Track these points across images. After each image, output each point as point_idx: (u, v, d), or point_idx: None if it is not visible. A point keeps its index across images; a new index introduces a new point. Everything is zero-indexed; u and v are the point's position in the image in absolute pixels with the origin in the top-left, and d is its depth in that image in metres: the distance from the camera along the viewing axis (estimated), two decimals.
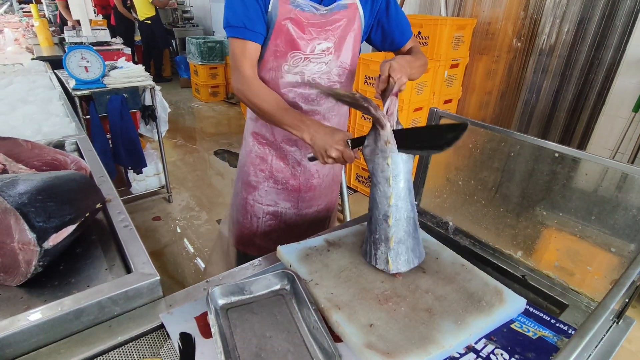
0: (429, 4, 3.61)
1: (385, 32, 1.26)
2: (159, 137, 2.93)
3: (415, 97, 2.96)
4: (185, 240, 2.77)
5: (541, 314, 0.86)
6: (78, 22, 3.33)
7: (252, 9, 1.08)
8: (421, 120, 3.09)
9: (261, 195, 1.41)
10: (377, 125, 0.90)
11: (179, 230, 2.91)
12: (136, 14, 6.11)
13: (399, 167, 0.89)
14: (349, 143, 0.97)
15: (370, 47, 4.20)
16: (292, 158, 1.34)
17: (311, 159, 1.07)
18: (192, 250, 2.69)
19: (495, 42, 3.25)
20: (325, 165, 1.15)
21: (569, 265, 0.93)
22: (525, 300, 0.86)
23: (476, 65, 3.41)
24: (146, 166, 2.90)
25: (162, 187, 3.25)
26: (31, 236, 0.81)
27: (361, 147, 0.96)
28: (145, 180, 3.11)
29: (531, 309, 0.87)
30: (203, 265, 2.52)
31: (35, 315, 0.72)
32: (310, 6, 1.13)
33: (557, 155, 0.91)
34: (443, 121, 1.13)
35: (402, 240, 0.91)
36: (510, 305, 0.85)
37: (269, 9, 1.11)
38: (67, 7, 4.66)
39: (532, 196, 0.99)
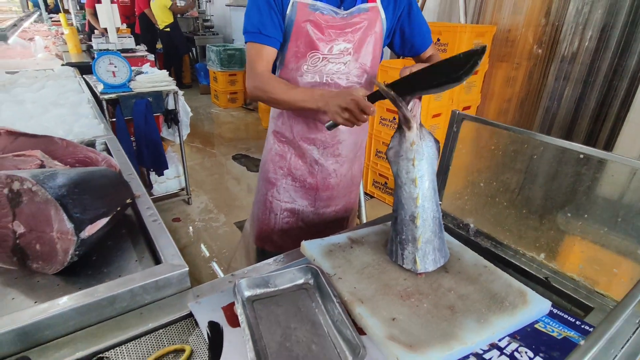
0: (448, 11, 3.63)
1: (405, 36, 1.29)
2: (180, 140, 3.01)
3: (434, 103, 2.96)
4: (202, 245, 2.82)
5: (566, 316, 0.86)
6: (105, 30, 3.46)
7: (267, 15, 1.14)
8: (439, 126, 3.08)
9: (279, 192, 1.44)
10: (403, 126, 0.92)
11: (197, 232, 2.97)
12: (156, 22, 6.30)
13: (424, 167, 0.91)
14: (365, 97, 0.98)
15: (388, 54, 4.22)
16: (310, 156, 1.38)
17: (330, 127, 1.06)
18: (208, 253, 2.73)
19: (515, 49, 3.24)
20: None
21: (594, 267, 0.92)
22: (549, 302, 0.86)
23: (495, 72, 3.40)
24: (167, 168, 2.98)
25: (182, 189, 3.32)
26: (69, 226, 0.86)
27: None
28: (166, 182, 3.19)
29: (555, 311, 0.87)
30: (219, 270, 2.56)
31: (73, 300, 0.76)
32: (330, 10, 1.17)
33: (582, 156, 0.91)
34: (466, 124, 1.14)
35: (429, 240, 0.92)
36: (534, 307, 0.84)
37: (287, 12, 1.15)
38: (95, 14, 4.87)
39: (555, 198, 0.99)
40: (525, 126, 3.35)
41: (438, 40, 3.07)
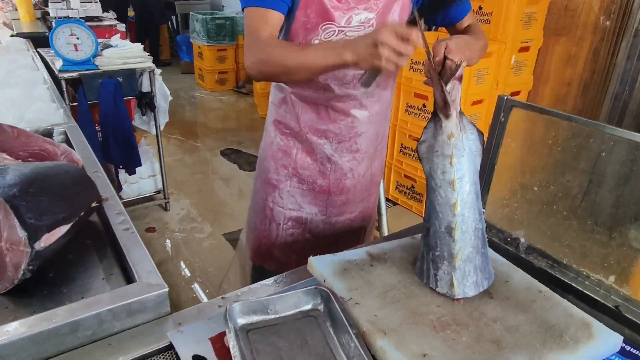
0: None
1: (439, 2, 1.29)
2: (157, 131, 3.04)
3: (474, 87, 2.96)
4: (181, 262, 2.84)
5: None
6: None
7: None
8: (480, 117, 3.08)
9: (282, 197, 1.45)
10: (439, 113, 0.92)
11: (176, 246, 2.99)
12: None
13: (465, 166, 0.91)
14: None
15: None
16: (321, 152, 1.38)
17: (367, 81, 1.03)
18: (189, 272, 2.75)
19: (576, 20, 3.24)
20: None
21: None
22: (621, 337, 0.86)
23: (552, 49, 3.40)
24: (141, 165, 3.02)
25: (158, 191, 3.36)
26: (22, 234, 0.87)
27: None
28: (138, 183, 3.23)
29: (628, 348, 0.87)
30: (203, 294, 2.58)
31: (26, 326, 0.77)
32: None
33: None
34: (516, 113, 1.14)
35: (470, 258, 0.92)
36: (602, 342, 0.84)
37: None
38: None
39: (628, 207, 0.98)
40: (589, 116, 3.34)
41: (480, 8, 3.08)
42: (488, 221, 1.22)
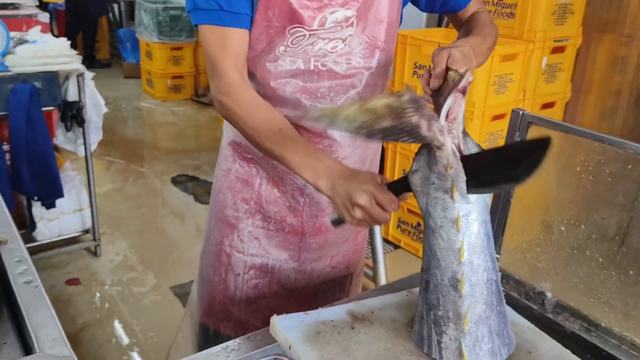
0: None
1: None
2: (86, 152, 3.04)
3: (494, 97, 3.01)
4: (116, 321, 2.80)
5: None
6: None
7: None
8: (503, 134, 3.11)
9: (242, 239, 1.43)
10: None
11: (106, 304, 2.95)
12: None
13: (471, 201, 0.92)
14: (384, 185, 1.01)
15: (421, 16, 4.32)
16: (292, 183, 1.37)
17: (336, 222, 1.10)
18: (126, 339, 2.70)
19: (624, 14, 3.33)
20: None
21: None
22: None
23: (594, 50, 3.48)
24: (62, 196, 3.00)
25: (86, 231, 3.34)
26: None
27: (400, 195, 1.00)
28: (59, 219, 3.20)
29: None
30: None
31: None
32: None
33: None
34: (534, 130, 1.16)
35: (483, 319, 0.92)
36: None
37: None
38: None
39: None
40: None
41: None
42: (504, 270, 1.23)
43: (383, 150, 3.42)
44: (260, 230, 1.43)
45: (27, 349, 0.94)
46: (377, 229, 2.73)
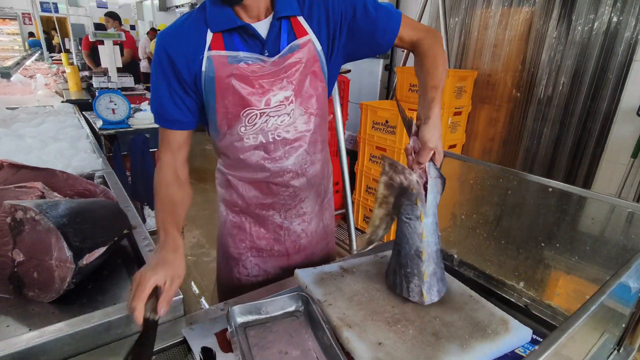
0: None
1: (363, 41, 1.04)
2: None
3: None
4: (192, 282, 2.80)
5: None
6: (106, 70, 3.59)
7: (164, 93, 0.98)
8: None
9: (246, 267, 1.25)
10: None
11: (187, 267, 2.94)
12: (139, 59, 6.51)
13: (430, 202, 0.90)
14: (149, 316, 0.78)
15: (375, 90, 4.37)
16: (272, 222, 1.19)
17: None
18: (198, 290, 2.70)
19: (496, 91, 3.42)
20: (305, 224, 1.07)
21: (570, 294, 0.97)
22: (531, 331, 0.89)
23: (479, 113, 3.56)
24: None
25: None
26: (69, 254, 0.89)
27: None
28: None
29: (536, 337, 0.90)
30: (207, 307, 2.51)
31: (69, 325, 0.78)
32: (257, 58, 0.97)
33: (550, 189, 0.98)
34: (447, 162, 1.20)
35: (434, 272, 0.93)
36: (516, 334, 0.87)
37: (203, 70, 0.96)
38: (90, 55, 5.09)
39: (531, 229, 1.04)
40: (508, 165, 3.47)
41: None
42: None
43: (353, 174, 3.46)
44: (257, 258, 1.24)
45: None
46: (351, 219, 2.74)
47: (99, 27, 5.18)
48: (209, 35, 0.95)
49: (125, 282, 1.03)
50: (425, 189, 0.88)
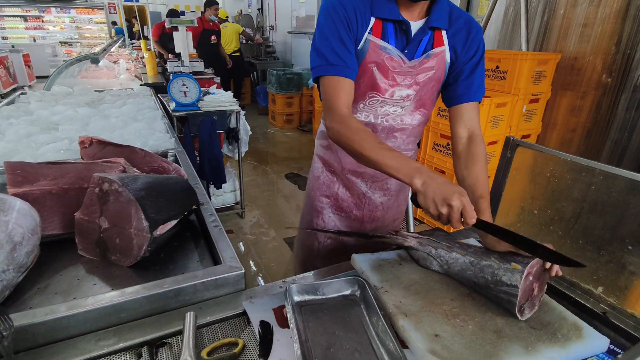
0: (509, 39, 3.57)
1: (451, 78, 1.15)
2: (239, 157, 3.19)
3: (490, 130, 2.90)
4: (250, 261, 2.92)
5: None
6: (179, 54, 3.82)
7: (346, 42, 1.05)
8: (495, 154, 3.00)
9: (324, 220, 1.42)
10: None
11: (247, 246, 3.09)
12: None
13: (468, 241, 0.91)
14: None
15: None
16: (358, 189, 1.35)
17: (415, 200, 0.90)
18: (256, 269, 2.82)
19: (581, 77, 3.11)
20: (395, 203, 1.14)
21: None
22: (607, 340, 0.82)
23: (559, 101, 3.27)
24: (226, 182, 3.15)
25: (237, 203, 3.49)
26: (145, 224, 0.97)
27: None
28: (222, 196, 3.38)
29: (614, 349, 0.83)
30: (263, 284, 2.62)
31: (145, 289, 0.86)
32: (399, 55, 1.09)
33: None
34: (520, 152, 1.13)
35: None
36: (590, 343, 0.80)
37: (359, 47, 1.08)
38: (158, 42, 5.61)
39: (615, 229, 0.95)
40: (592, 158, 3.16)
41: (497, 67, 3.03)
42: None
43: None
44: (335, 216, 1.42)
45: (216, 262, 1.04)
46: (410, 207, 2.69)
47: (171, 13, 5.48)
48: (372, 20, 1.07)
49: (193, 253, 1.10)
50: None
